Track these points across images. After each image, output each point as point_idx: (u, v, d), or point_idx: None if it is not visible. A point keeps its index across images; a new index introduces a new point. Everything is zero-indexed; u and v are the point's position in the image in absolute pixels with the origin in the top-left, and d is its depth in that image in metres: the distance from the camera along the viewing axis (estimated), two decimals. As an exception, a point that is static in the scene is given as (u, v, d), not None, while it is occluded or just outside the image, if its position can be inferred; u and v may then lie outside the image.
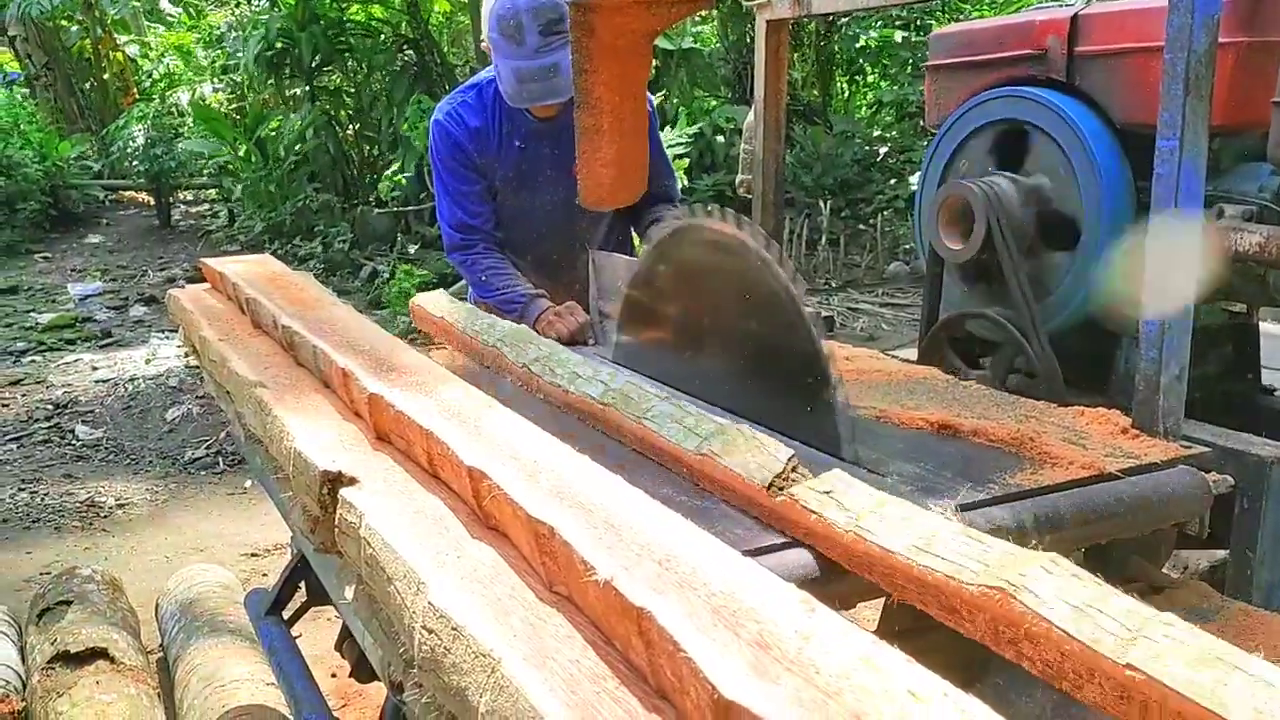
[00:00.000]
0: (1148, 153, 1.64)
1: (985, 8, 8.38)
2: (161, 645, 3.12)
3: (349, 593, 1.18)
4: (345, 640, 2.11)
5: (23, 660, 2.89)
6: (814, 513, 1.14)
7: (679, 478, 1.42)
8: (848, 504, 1.13)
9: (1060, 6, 2.17)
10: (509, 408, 1.49)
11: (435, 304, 2.32)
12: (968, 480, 1.50)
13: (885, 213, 9.42)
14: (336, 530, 1.17)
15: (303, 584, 2.31)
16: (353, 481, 1.19)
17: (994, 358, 2.18)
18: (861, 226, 9.55)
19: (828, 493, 1.16)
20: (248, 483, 4.86)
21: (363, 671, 2.02)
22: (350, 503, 1.13)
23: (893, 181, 9.82)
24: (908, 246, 9.04)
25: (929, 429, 1.75)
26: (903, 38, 10.08)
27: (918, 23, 9.89)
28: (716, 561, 0.82)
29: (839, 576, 1.16)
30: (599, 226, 2.65)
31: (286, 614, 2.41)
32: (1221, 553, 2.01)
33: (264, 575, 3.91)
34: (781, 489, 1.20)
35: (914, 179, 9.11)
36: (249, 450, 1.77)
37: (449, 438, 1.15)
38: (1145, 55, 1.92)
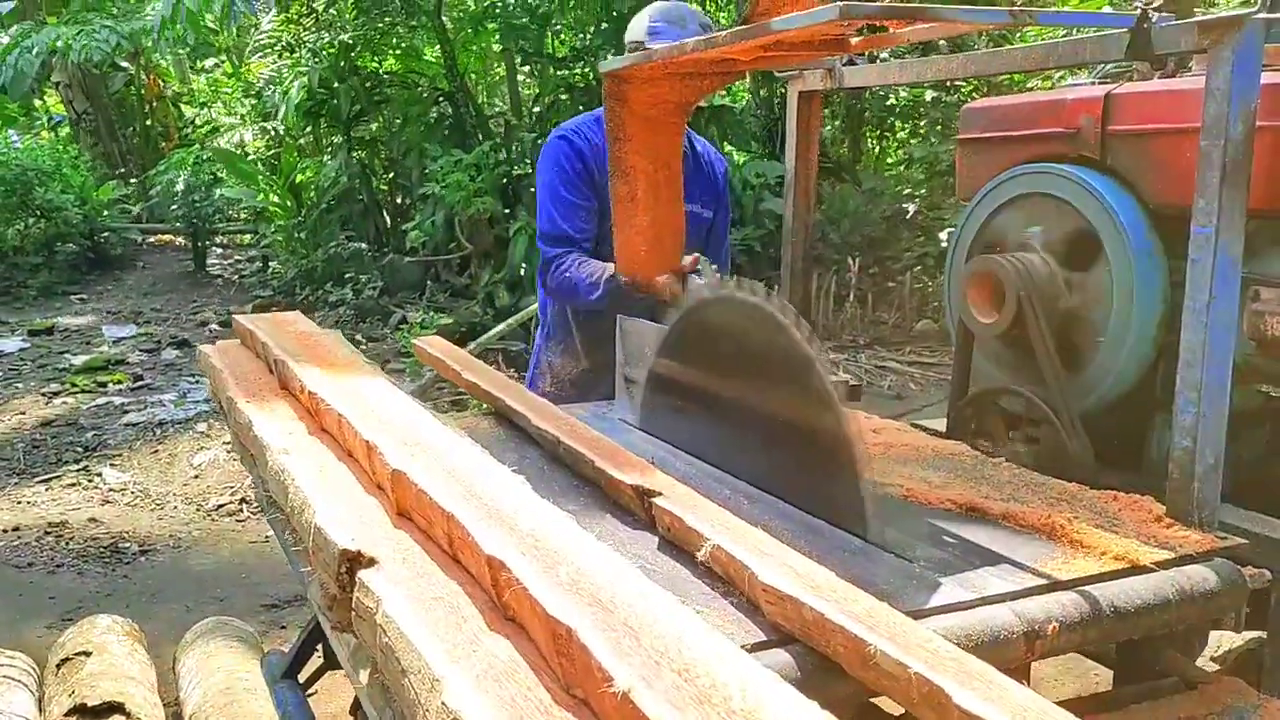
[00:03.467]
0: (1180, 232, 1.63)
1: (1016, 81, 8.38)
2: (178, 699, 3.10)
3: (364, 677, 1.17)
4: (359, 708, 2.09)
5: (40, 711, 2.88)
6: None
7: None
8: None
9: (1092, 85, 2.17)
10: (532, 479, 1.49)
11: (434, 345, 2.58)
12: (996, 568, 1.47)
13: (914, 270, 9.39)
14: (353, 613, 1.16)
15: (320, 647, 2.30)
16: (372, 562, 1.18)
17: (1038, 436, 2.14)
18: (890, 284, 9.52)
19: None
20: (270, 531, 4.86)
21: (377, 740, 2.00)
22: (368, 586, 1.12)
23: (921, 239, 9.80)
24: (936, 304, 9.00)
25: (956, 510, 1.72)
26: (933, 97, 10.12)
27: (948, 83, 9.92)
28: (737, 673, 0.80)
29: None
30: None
31: (304, 675, 2.39)
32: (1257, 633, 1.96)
33: (282, 628, 3.90)
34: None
35: (944, 235, 9.09)
36: (271, 518, 1.77)
37: (469, 522, 1.14)
38: (1178, 136, 1.91)
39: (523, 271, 8.39)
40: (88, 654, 3.04)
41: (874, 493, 1.59)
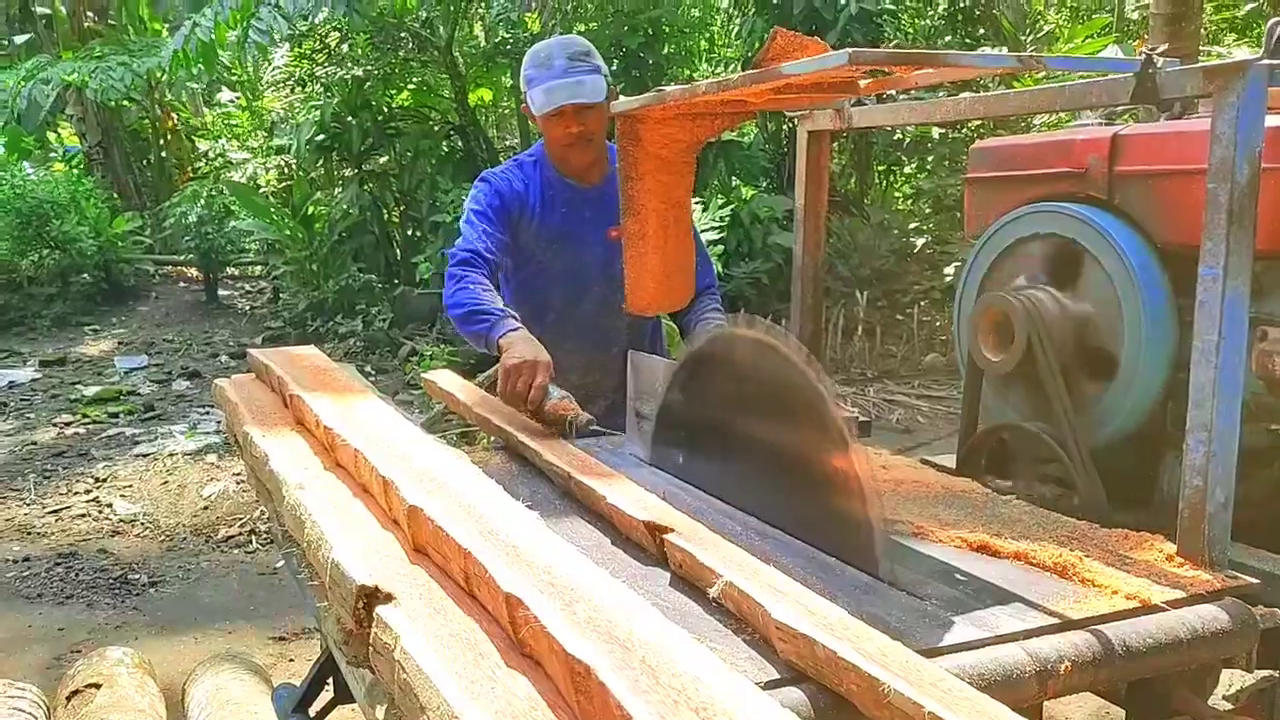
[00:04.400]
0: (1189, 271, 1.64)
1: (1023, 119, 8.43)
2: (187, 733, 3.10)
3: (380, 713, 1.18)
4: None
5: (49, 744, 2.88)
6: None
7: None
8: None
9: (1100, 126, 2.20)
10: (544, 514, 1.51)
11: (444, 380, 2.63)
12: (1008, 607, 1.48)
13: (922, 303, 9.42)
14: (371, 648, 1.17)
15: (330, 681, 2.30)
16: (389, 598, 1.19)
17: (1048, 474, 2.15)
18: (898, 316, 9.54)
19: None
20: (279, 563, 4.87)
21: (388, 776, 2.00)
22: (386, 622, 1.13)
23: (929, 272, 9.84)
24: (944, 338, 9.00)
25: (967, 549, 1.73)
26: (940, 133, 10.19)
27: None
28: (756, 713, 0.81)
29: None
30: None
31: (314, 709, 2.39)
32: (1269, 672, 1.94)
33: (290, 660, 3.90)
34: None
35: (949, 270, 9.11)
36: (286, 553, 1.79)
37: (486, 558, 1.16)
38: (1185, 177, 1.94)
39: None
40: (98, 686, 3.04)
41: (885, 533, 1.60)
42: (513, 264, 2.75)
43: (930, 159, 10.46)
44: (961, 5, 10.68)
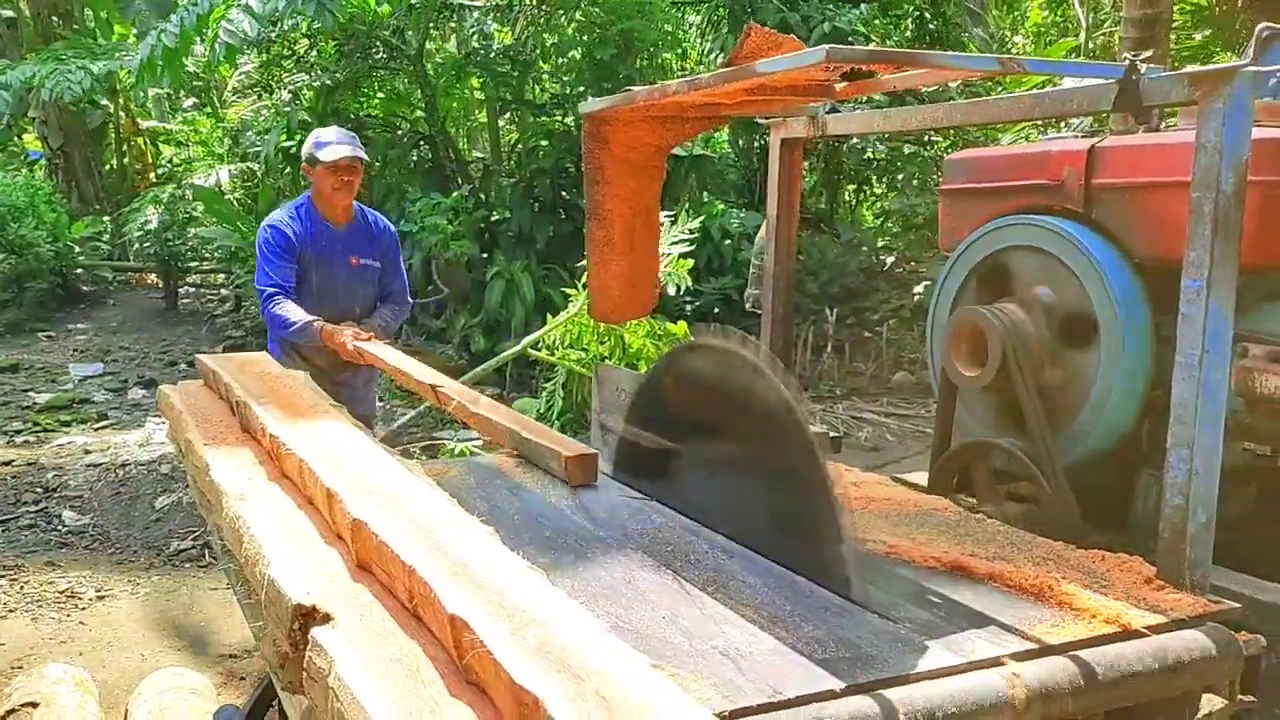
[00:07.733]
0: (1166, 286, 1.60)
1: (991, 136, 8.45)
2: (128, 754, 2.97)
3: (315, 743, 1.09)
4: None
5: (-20, 766, 2.75)
6: None
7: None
8: None
9: (1076, 138, 2.16)
10: (503, 529, 1.43)
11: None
12: (983, 630, 1.42)
13: (891, 322, 9.40)
14: (305, 674, 1.08)
15: (276, 702, 2.20)
16: (326, 619, 1.11)
17: (1022, 492, 2.10)
18: (867, 334, 9.52)
19: None
20: (232, 578, 4.73)
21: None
22: (321, 645, 1.05)
23: (898, 290, 9.83)
24: (913, 356, 8.99)
25: (941, 569, 1.67)
26: (910, 151, 10.20)
27: (926, 138, 10.02)
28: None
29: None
30: (370, 296, 3.95)
31: (258, 732, 2.29)
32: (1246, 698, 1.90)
33: (241, 679, 3.76)
34: None
35: (919, 289, 9.11)
36: (225, 568, 1.69)
37: (431, 577, 1.07)
38: (1165, 190, 1.89)
39: (500, 316, 8.34)
40: (35, 705, 2.91)
41: (857, 554, 1.53)
42: (294, 282, 3.83)
43: (900, 177, 10.48)
44: (930, 27, 10.74)
